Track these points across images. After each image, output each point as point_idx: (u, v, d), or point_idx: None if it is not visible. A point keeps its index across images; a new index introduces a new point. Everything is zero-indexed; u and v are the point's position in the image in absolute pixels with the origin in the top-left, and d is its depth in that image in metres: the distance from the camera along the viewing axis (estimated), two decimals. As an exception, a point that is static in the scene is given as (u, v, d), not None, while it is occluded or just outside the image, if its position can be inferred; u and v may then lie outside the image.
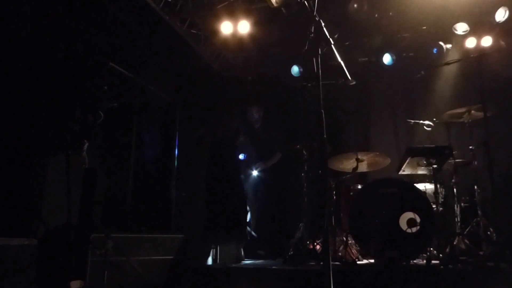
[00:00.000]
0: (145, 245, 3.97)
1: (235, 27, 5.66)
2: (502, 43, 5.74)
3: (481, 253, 4.16)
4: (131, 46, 5.16)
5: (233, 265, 4.44)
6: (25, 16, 3.84)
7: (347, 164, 4.80)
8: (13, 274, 2.86)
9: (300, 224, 4.60)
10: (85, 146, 4.04)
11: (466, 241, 4.30)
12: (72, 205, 3.57)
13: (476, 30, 5.72)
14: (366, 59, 6.43)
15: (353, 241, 4.35)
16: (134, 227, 4.79)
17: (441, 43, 5.92)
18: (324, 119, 2.32)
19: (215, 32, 5.82)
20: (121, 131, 5.33)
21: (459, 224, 4.56)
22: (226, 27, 5.68)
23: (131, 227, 4.82)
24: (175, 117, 6.20)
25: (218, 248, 4.89)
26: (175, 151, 6.05)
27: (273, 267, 4.17)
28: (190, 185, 5.98)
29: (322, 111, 2.30)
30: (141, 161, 5.56)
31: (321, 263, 2.44)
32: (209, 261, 4.95)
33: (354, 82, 3.54)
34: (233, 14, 5.58)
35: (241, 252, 4.74)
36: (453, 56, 5.79)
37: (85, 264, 3.32)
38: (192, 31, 5.93)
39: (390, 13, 5.69)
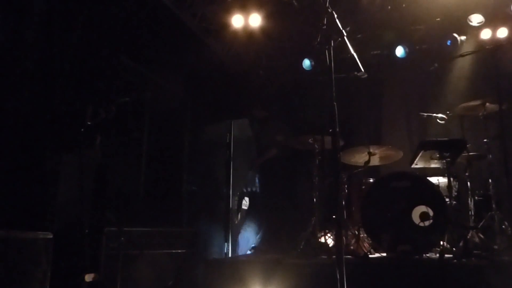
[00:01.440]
0: (157, 239, 4.00)
1: (246, 21, 5.64)
2: (518, 34, 5.64)
3: (495, 247, 4.11)
4: (142, 40, 5.18)
5: (245, 258, 4.46)
6: (36, 11, 3.87)
7: (359, 158, 4.77)
8: (28, 267, 2.92)
9: (312, 218, 4.59)
10: (98, 141, 4.08)
11: (480, 235, 4.24)
12: (85, 200, 3.61)
13: (492, 21, 5.62)
14: (379, 52, 6.36)
15: (365, 235, 4.33)
16: (147, 221, 4.84)
17: (455, 35, 5.83)
18: (336, 112, 2.30)
19: (226, 26, 5.80)
20: (133, 126, 5.36)
21: (472, 218, 4.51)
22: (237, 21, 5.66)
23: (144, 221, 4.87)
24: (186, 112, 6.22)
25: None
26: (186, 145, 6.08)
27: (285, 260, 4.17)
28: (200, 179, 6.01)
29: (335, 104, 2.29)
30: (153, 156, 5.60)
31: (333, 256, 2.43)
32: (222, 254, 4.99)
33: (366, 75, 3.51)
34: (244, 7, 5.56)
35: None
36: (468, 48, 5.69)
37: (98, 257, 3.37)
38: (203, 25, 5.92)
39: (403, 5, 5.61)
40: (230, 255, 5.15)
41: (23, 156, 3.60)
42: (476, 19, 5.60)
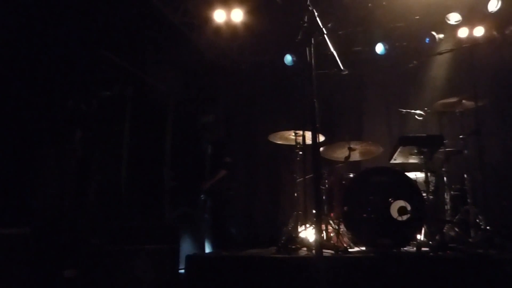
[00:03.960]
0: (139, 234, 3.99)
1: (229, 16, 5.63)
2: (495, 33, 5.77)
3: (470, 240, 4.23)
4: (124, 34, 5.11)
5: (226, 253, 4.48)
6: (14, 2, 3.79)
7: (340, 153, 4.83)
8: (5, 263, 2.87)
9: (294, 213, 4.64)
10: (78, 135, 4.03)
11: (455, 228, 4.37)
12: (65, 195, 3.57)
13: (469, 20, 5.74)
14: (360, 48, 6.43)
15: (345, 229, 4.40)
16: (128, 216, 4.80)
17: (433, 33, 5.94)
18: (316, 109, 2.34)
19: (208, 21, 5.78)
20: (115, 120, 5.30)
21: (449, 212, 4.63)
22: (219, 15, 5.64)
23: (125, 217, 4.83)
24: (168, 106, 6.18)
25: None
26: (168, 140, 6.05)
27: (266, 255, 4.21)
28: (183, 175, 5.99)
29: (315, 100, 2.32)
30: (135, 151, 5.55)
31: (313, 251, 2.48)
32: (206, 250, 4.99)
33: (347, 72, 3.55)
34: (226, 2, 5.54)
35: None
36: (446, 46, 5.80)
37: (78, 253, 3.34)
38: (185, 19, 5.88)
39: (384, 3, 5.69)
40: (212, 251, 5.15)
41: (1, 151, 3.53)
42: (454, 17, 5.71)
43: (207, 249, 5.23)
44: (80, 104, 4.04)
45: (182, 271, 4.04)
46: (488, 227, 4.24)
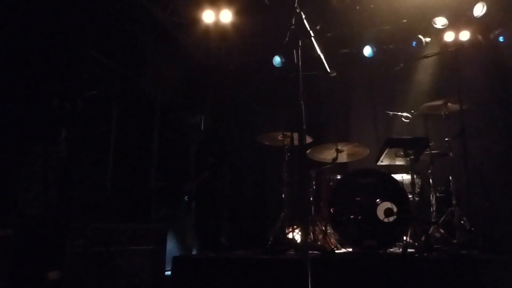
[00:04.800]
0: (124, 235, 3.94)
1: (217, 16, 5.62)
2: (480, 37, 5.87)
3: (454, 241, 4.29)
4: (111, 33, 5.06)
5: (213, 255, 4.46)
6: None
7: (327, 155, 4.86)
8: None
9: (281, 214, 4.65)
10: (63, 135, 3.97)
11: (440, 230, 4.42)
12: (49, 195, 3.51)
13: (455, 24, 5.82)
14: (348, 50, 6.47)
15: (332, 230, 4.42)
16: (113, 217, 4.75)
17: (420, 36, 6.01)
18: (303, 111, 2.34)
19: (197, 21, 5.75)
20: (101, 120, 5.24)
21: (434, 213, 4.69)
22: (208, 16, 5.63)
23: (110, 217, 4.77)
24: (155, 106, 6.14)
25: None
26: (155, 140, 6.00)
27: (253, 256, 4.20)
28: (170, 175, 5.95)
29: (302, 102, 2.32)
30: (121, 151, 5.50)
31: (300, 252, 2.48)
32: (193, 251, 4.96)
33: (335, 74, 3.58)
34: (215, 3, 5.53)
35: None
36: (432, 49, 5.88)
37: (62, 254, 3.29)
38: (174, 19, 5.85)
39: (371, 6, 5.73)
40: (198, 252, 5.13)
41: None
42: (440, 21, 5.79)
43: (194, 250, 5.20)
44: (65, 103, 3.98)
45: (169, 272, 4.01)
46: (472, 229, 4.30)
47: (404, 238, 4.25)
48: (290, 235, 4.44)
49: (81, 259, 3.38)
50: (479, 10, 5.51)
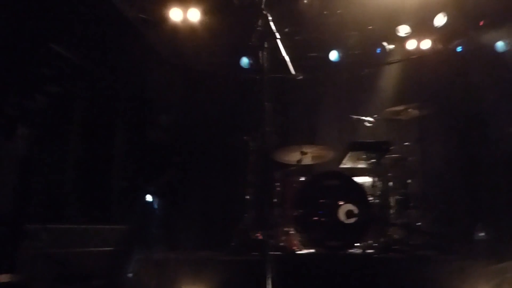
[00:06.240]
0: (85, 236, 3.84)
1: (185, 15, 5.57)
2: (440, 46, 6.11)
3: (412, 242, 4.44)
4: (75, 28, 4.91)
5: (176, 256, 4.41)
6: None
7: (292, 157, 4.91)
8: None
9: (245, 215, 4.66)
10: (21, 133, 3.82)
11: (399, 231, 4.57)
12: (6, 195, 3.38)
13: (417, 33, 6.03)
14: (315, 54, 6.57)
15: (296, 231, 4.47)
16: (74, 218, 4.61)
17: (384, 43, 6.18)
18: (268, 112, 2.36)
19: (164, 18, 5.68)
20: (63, 117, 5.08)
21: (393, 215, 4.83)
22: (175, 14, 5.57)
23: (71, 218, 4.64)
24: (120, 104, 6.01)
25: None
26: (119, 139, 5.87)
27: (217, 257, 4.20)
28: (133, 174, 5.83)
29: (266, 103, 2.34)
30: (83, 149, 5.34)
31: (264, 253, 2.50)
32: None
33: (301, 77, 3.62)
34: (183, 1, 5.48)
35: None
36: (395, 56, 6.07)
37: (16, 257, 3.16)
38: (141, 15, 5.74)
39: (338, 11, 5.85)
40: (162, 253, 5.05)
41: None
42: (403, 30, 5.98)
43: (156, 251, 5.12)
44: (25, 100, 3.84)
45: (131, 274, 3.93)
46: (428, 230, 4.47)
47: (365, 239, 4.37)
48: (254, 236, 4.46)
49: (37, 261, 3.26)
50: (440, 20, 5.73)
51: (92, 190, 5.38)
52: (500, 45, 5.90)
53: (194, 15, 5.57)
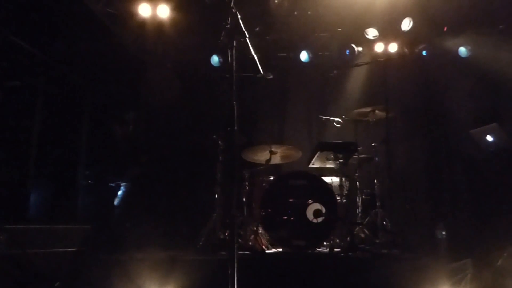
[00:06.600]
0: (45, 237, 3.69)
1: (154, 11, 5.47)
2: (406, 50, 6.28)
3: (377, 241, 4.54)
4: (38, 20, 4.72)
5: (142, 255, 4.32)
6: None
7: (261, 156, 4.92)
8: None
9: (213, 214, 4.62)
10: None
11: (365, 230, 4.67)
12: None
13: (385, 36, 6.17)
14: (285, 54, 6.60)
15: (264, 231, 4.48)
16: (34, 218, 4.44)
17: (353, 45, 6.28)
18: (236, 111, 2.34)
19: (132, 14, 5.55)
20: (23, 112, 4.88)
21: (360, 214, 4.94)
22: (144, 10, 5.46)
23: (31, 218, 4.46)
24: (85, 100, 5.82)
25: None
26: (83, 136, 5.69)
27: (184, 257, 4.14)
28: (98, 173, 5.67)
29: (234, 103, 2.33)
30: (45, 146, 5.15)
31: (231, 252, 2.48)
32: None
33: (271, 76, 3.62)
34: (151, -3, 5.38)
35: None
36: (363, 58, 6.18)
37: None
38: (108, 10, 5.58)
39: (309, 12, 5.90)
40: (129, 253, 4.94)
41: None
42: (372, 33, 6.10)
43: (122, 251, 5.00)
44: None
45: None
46: (393, 229, 4.58)
47: (332, 238, 4.43)
48: (221, 235, 4.43)
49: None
50: (406, 24, 5.89)
51: (55, 189, 5.20)
52: (462, 50, 6.13)
53: (164, 11, 5.47)
